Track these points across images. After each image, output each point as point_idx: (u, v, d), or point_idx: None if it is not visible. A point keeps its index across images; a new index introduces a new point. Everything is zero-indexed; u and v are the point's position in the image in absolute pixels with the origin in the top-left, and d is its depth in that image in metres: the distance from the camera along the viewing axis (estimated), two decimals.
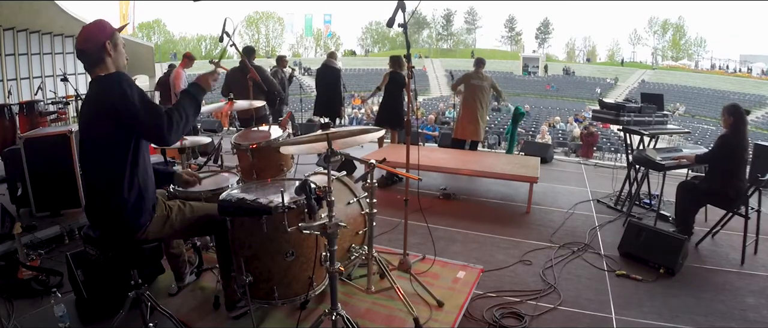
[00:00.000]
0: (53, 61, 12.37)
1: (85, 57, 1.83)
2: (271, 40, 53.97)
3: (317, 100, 6.70)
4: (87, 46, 1.82)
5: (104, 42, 1.82)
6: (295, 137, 2.66)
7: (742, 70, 36.81)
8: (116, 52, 1.86)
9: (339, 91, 6.53)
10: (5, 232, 3.09)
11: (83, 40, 1.83)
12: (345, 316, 1.99)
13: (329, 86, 6.51)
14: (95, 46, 1.82)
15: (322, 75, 6.57)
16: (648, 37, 51.17)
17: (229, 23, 3.01)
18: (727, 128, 3.57)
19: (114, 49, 1.85)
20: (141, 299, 2.05)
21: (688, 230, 3.68)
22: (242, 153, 2.98)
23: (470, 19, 56.80)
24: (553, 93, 32.29)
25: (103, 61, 1.83)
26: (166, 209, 1.98)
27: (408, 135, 2.82)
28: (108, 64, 1.84)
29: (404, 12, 2.49)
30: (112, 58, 1.85)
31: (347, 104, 19.86)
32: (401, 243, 2.88)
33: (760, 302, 2.84)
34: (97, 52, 1.82)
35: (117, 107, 1.73)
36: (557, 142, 12.59)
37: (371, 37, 59.05)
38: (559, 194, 5.20)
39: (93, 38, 1.82)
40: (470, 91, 6.03)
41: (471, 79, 6.04)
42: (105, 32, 1.84)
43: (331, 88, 6.50)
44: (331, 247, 1.91)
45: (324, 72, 6.55)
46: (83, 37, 1.83)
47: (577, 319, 2.60)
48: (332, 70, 6.51)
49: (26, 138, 3.64)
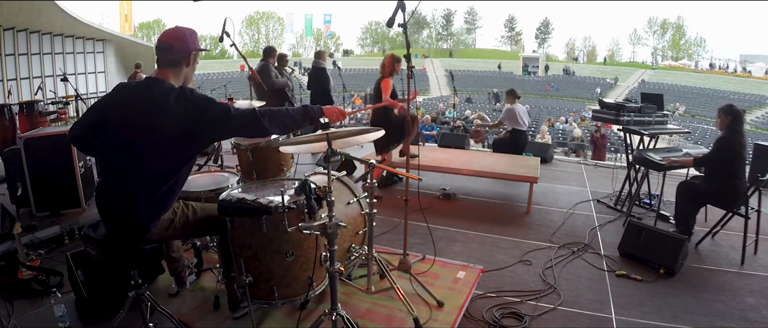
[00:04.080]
0: (53, 61, 12.36)
1: (170, 53, 1.86)
2: (271, 40, 53.91)
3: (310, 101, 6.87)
4: (176, 43, 1.86)
5: (192, 50, 1.88)
6: (295, 137, 2.66)
7: (737, 70, 36.83)
8: (192, 67, 1.93)
9: (327, 91, 6.67)
10: (5, 232, 3.09)
11: (175, 37, 1.87)
12: (345, 316, 1.99)
13: (317, 86, 6.67)
14: (183, 48, 1.87)
15: (311, 75, 6.76)
16: (648, 37, 51.20)
17: (229, 23, 3.02)
18: (723, 129, 3.57)
19: (194, 62, 1.92)
20: (141, 299, 2.04)
21: (688, 230, 3.67)
22: (242, 153, 2.98)
23: (470, 19, 56.79)
24: (553, 93, 32.28)
25: (180, 65, 1.87)
26: (171, 211, 1.98)
27: (408, 135, 2.82)
28: (183, 72, 1.89)
29: (404, 12, 2.49)
30: (189, 69, 1.91)
31: (347, 104, 19.86)
32: (401, 243, 2.88)
33: (760, 302, 2.84)
34: (181, 55, 1.87)
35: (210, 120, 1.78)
36: (557, 142, 12.59)
37: (371, 37, 59.03)
38: (559, 194, 5.20)
39: (185, 40, 1.88)
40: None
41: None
42: (196, 43, 1.91)
43: (319, 89, 6.66)
44: (331, 247, 1.91)
45: (312, 72, 6.75)
46: (175, 35, 1.87)
47: (577, 319, 2.60)
48: (318, 70, 6.68)
49: (26, 138, 3.64)
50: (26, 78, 11.45)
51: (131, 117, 1.79)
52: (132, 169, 1.80)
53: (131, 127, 1.79)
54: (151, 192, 1.80)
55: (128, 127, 1.79)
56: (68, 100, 8.52)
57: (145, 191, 1.80)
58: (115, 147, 1.83)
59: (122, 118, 1.81)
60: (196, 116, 1.78)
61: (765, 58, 37.01)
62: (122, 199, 1.81)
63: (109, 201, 1.86)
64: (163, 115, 1.76)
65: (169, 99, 1.77)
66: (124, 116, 1.81)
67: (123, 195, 1.81)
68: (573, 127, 14.80)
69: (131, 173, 1.80)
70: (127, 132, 1.79)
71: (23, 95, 10.68)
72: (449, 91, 24.34)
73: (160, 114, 1.76)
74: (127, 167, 1.81)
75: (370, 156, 2.44)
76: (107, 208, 1.87)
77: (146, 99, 1.80)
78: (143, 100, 1.80)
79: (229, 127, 1.83)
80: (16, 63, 10.97)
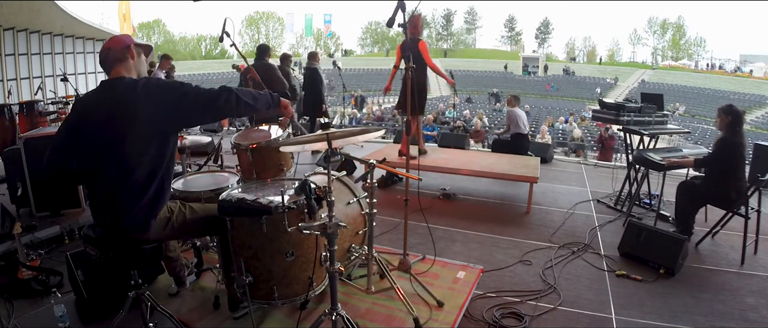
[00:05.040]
0: (53, 61, 12.36)
1: (111, 54, 1.89)
2: (271, 40, 53.90)
3: (303, 101, 7.00)
4: (112, 45, 1.90)
5: (128, 44, 1.91)
6: (295, 137, 2.66)
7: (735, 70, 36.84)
8: (138, 60, 1.95)
9: (318, 91, 6.81)
10: (5, 232, 3.09)
11: (109, 43, 1.92)
12: (345, 316, 1.99)
13: (309, 87, 6.80)
14: (120, 45, 1.90)
15: (304, 76, 6.87)
16: (648, 37, 51.20)
17: (229, 23, 3.02)
18: (723, 129, 3.57)
19: (138, 55, 1.95)
20: (141, 299, 2.04)
21: (688, 230, 3.68)
22: (242, 153, 2.98)
23: (470, 19, 56.79)
24: (553, 93, 32.28)
25: (125, 60, 1.89)
26: (167, 211, 1.98)
27: (407, 135, 2.82)
28: (132, 65, 1.91)
29: (404, 12, 2.49)
30: (137, 61, 1.94)
31: (347, 104, 19.85)
32: (401, 243, 2.88)
33: (760, 302, 2.84)
34: (121, 51, 1.89)
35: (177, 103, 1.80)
36: (557, 142, 12.59)
37: (371, 37, 59.02)
38: (559, 194, 5.20)
39: (119, 40, 1.92)
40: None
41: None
42: (131, 40, 1.95)
43: (311, 89, 6.79)
44: (331, 247, 1.91)
45: (305, 73, 6.87)
46: (109, 42, 1.92)
47: (577, 319, 2.60)
48: (311, 71, 6.80)
49: (26, 138, 3.64)
50: (26, 78, 11.44)
51: (106, 118, 1.78)
52: (117, 169, 1.78)
53: (110, 127, 1.77)
54: (140, 190, 1.80)
55: (107, 129, 1.78)
56: (68, 100, 8.51)
57: (134, 190, 1.80)
58: (96, 153, 1.80)
59: (97, 122, 1.79)
60: (167, 99, 1.80)
61: (765, 58, 37.00)
62: (113, 202, 1.82)
63: (101, 207, 1.88)
64: (136, 106, 1.76)
65: (137, 89, 1.79)
66: (98, 120, 1.79)
67: (113, 198, 1.81)
68: (573, 127, 14.79)
69: (117, 174, 1.79)
70: (106, 134, 1.78)
71: (23, 95, 10.67)
72: (449, 91, 24.34)
73: (133, 106, 1.77)
74: (111, 169, 1.79)
75: (370, 156, 2.43)
76: (101, 214, 1.89)
77: (114, 97, 1.80)
78: (112, 99, 1.80)
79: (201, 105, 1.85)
80: (16, 63, 10.97)
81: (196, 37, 55.89)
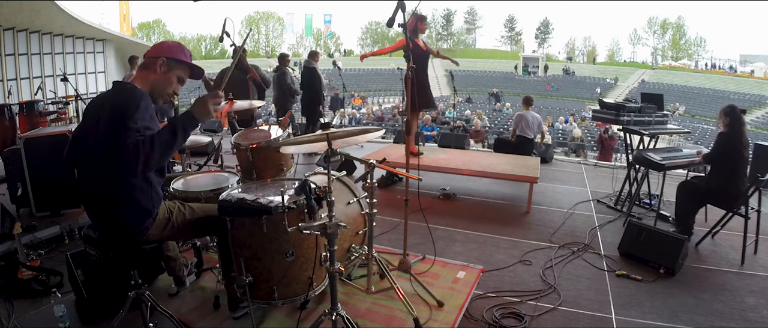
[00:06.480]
0: (53, 61, 12.37)
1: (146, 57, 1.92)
2: (271, 40, 53.93)
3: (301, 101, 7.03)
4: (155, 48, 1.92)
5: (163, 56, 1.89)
6: (294, 137, 2.65)
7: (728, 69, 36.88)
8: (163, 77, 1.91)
9: (316, 91, 6.84)
10: (5, 232, 3.09)
11: (160, 46, 1.94)
12: (345, 316, 1.99)
13: (306, 87, 6.83)
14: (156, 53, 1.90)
15: (304, 76, 6.89)
16: (648, 37, 51.16)
17: (229, 23, 3.02)
18: (725, 128, 3.59)
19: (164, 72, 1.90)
20: (141, 299, 2.04)
21: (688, 230, 3.68)
22: (242, 153, 2.98)
23: (470, 19, 56.73)
24: (553, 93, 32.27)
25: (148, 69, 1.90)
26: (167, 211, 1.98)
27: (408, 135, 2.82)
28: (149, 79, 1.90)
29: (404, 12, 2.49)
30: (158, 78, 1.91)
31: (347, 104, 19.82)
32: (401, 243, 2.88)
33: (760, 302, 2.84)
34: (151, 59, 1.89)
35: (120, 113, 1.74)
36: (557, 142, 12.59)
37: (371, 37, 59.00)
38: (559, 194, 5.20)
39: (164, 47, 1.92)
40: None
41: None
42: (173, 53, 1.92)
43: (308, 89, 6.82)
44: (331, 247, 1.91)
45: (304, 73, 6.89)
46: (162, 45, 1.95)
47: (577, 319, 2.59)
48: (310, 70, 6.82)
49: (26, 138, 3.64)
50: (26, 78, 11.46)
51: (96, 123, 1.80)
52: (106, 172, 1.79)
53: (96, 132, 1.79)
54: (130, 192, 1.80)
55: (94, 133, 1.80)
56: (68, 100, 8.53)
57: (124, 192, 1.80)
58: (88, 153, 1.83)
59: (89, 125, 1.84)
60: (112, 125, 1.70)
61: (765, 58, 36.99)
62: (107, 204, 1.83)
63: (97, 209, 1.89)
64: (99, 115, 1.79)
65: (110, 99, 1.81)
66: (90, 123, 1.84)
67: (106, 200, 1.83)
68: (573, 127, 14.79)
69: (107, 176, 1.80)
70: (92, 137, 1.80)
71: (23, 95, 10.69)
72: (449, 91, 24.31)
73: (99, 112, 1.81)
74: (101, 171, 1.80)
75: (370, 156, 2.43)
76: (97, 216, 1.90)
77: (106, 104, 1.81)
78: (104, 106, 1.81)
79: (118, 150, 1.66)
80: (16, 63, 10.98)
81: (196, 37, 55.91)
